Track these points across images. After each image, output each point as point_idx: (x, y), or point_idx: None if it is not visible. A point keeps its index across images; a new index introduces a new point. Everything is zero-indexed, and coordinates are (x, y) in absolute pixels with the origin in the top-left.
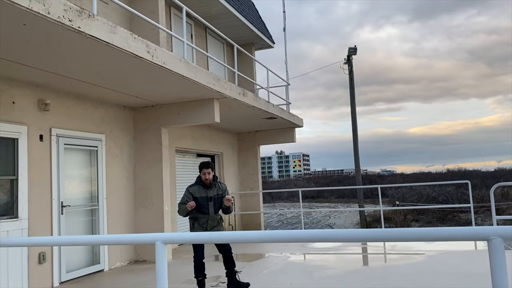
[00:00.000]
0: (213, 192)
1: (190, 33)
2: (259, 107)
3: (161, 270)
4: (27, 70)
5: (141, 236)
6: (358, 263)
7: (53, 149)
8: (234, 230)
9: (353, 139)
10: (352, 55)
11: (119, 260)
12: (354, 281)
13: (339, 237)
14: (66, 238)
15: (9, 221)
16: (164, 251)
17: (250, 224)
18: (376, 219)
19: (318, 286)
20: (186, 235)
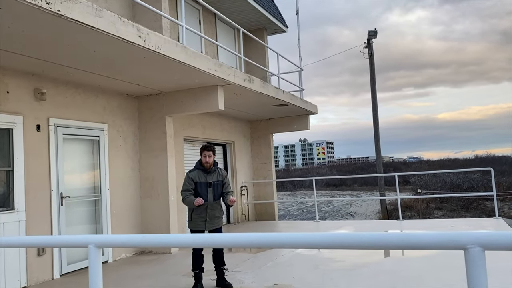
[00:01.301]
0: (213, 178)
1: (198, 19)
2: (268, 94)
3: (94, 274)
4: (18, 58)
5: (73, 238)
6: (367, 257)
7: (51, 139)
8: (248, 220)
9: (374, 126)
10: (372, 39)
11: (125, 252)
12: (361, 275)
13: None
14: None
15: (5, 213)
16: (97, 255)
17: (264, 214)
18: (398, 207)
19: (322, 280)
20: (122, 237)
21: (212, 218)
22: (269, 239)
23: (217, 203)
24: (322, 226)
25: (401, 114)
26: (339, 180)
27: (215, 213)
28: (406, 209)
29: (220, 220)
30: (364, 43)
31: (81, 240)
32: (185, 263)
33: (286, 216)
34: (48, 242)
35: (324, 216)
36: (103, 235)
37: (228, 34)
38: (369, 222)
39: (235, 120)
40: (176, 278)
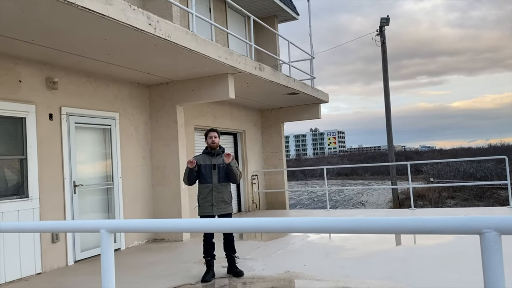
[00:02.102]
0: (218, 161)
1: (208, 7)
2: (278, 82)
3: (106, 259)
4: (30, 47)
5: (85, 223)
6: (379, 244)
7: (63, 128)
8: (259, 209)
9: (386, 115)
10: (384, 26)
11: (137, 239)
12: (372, 263)
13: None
14: (4, 224)
15: (19, 201)
16: (109, 240)
17: (275, 203)
18: (409, 197)
19: (333, 268)
20: (134, 222)
21: (219, 202)
22: (283, 224)
23: (223, 185)
24: (333, 214)
25: (414, 103)
26: (350, 169)
27: (221, 197)
28: (418, 198)
29: (228, 206)
30: (376, 31)
31: (93, 225)
32: (197, 250)
33: (297, 205)
34: (60, 227)
35: (335, 205)
36: (115, 220)
37: (238, 22)
38: (381, 211)
39: (246, 109)
40: (188, 266)
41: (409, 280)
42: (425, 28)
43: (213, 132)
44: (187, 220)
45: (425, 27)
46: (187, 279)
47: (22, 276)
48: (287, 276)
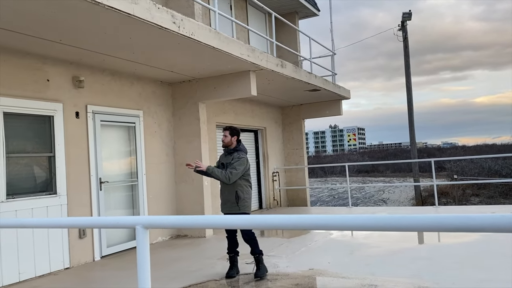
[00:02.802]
0: (228, 160)
1: (229, 4)
2: (300, 79)
3: (142, 255)
4: (57, 47)
5: (121, 219)
6: (404, 242)
7: (89, 126)
8: (280, 206)
9: (408, 111)
10: (406, 21)
11: (161, 235)
12: (397, 261)
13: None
14: (43, 220)
15: (48, 197)
16: (145, 236)
17: (296, 200)
18: (432, 194)
19: (357, 265)
20: (169, 218)
21: (225, 201)
22: (311, 221)
23: (228, 185)
24: (355, 212)
25: (436, 99)
26: (371, 166)
27: (226, 196)
28: (441, 195)
29: (233, 206)
30: (398, 26)
31: (129, 221)
32: (220, 247)
33: (317, 202)
34: (98, 223)
35: (356, 203)
36: (150, 216)
37: (259, 19)
38: (404, 209)
39: (267, 106)
40: (212, 262)
41: (436, 279)
42: (449, 22)
43: (225, 131)
44: (219, 216)
45: (449, 21)
46: (211, 275)
47: (51, 271)
48: (311, 273)
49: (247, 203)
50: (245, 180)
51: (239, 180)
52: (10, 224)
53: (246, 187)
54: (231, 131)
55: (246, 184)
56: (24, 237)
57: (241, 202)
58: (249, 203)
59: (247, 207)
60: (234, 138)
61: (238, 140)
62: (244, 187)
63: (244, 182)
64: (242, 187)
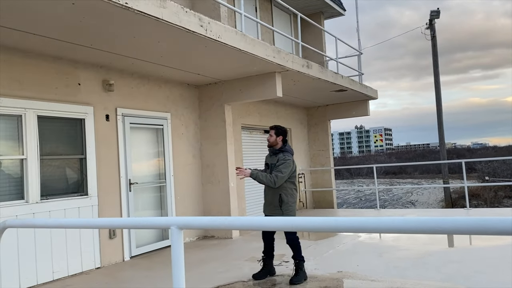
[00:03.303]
0: (273, 160)
1: (254, 6)
2: (326, 79)
3: (176, 255)
4: (88, 51)
5: (156, 220)
6: (434, 245)
7: (119, 128)
8: (305, 208)
9: (437, 111)
10: (434, 19)
11: (188, 236)
12: (427, 264)
13: None
14: (80, 221)
15: (80, 198)
16: (179, 236)
17: (322, 202)
18: (462, 196)
19: (387, 268)
20: (204, 219)
21: (268, 204)
22: (345, 223)
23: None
24: (384, 214)
25: (465, 98)
26: (399, 167)
27: (268, 199)
28: (471, 197)
29: (276, 208)
30: (426, 24)
31: (163, 222)
32: (247, 248)
33: (344, 204)
34: (133, 223)
35: (383, 205)
36: (184, 217)
37: (283, 20)
38: (434, 211)
39: (292, 107)
40: (239, 263)
41: (468, 283)
42: (480, 19)
43: (271, 130)
44: (250, 218)
45: (480, 18)
46: (239, 276)
47: (83, 270)
48: (340, 276)
49: (291, 207)
50: (291, 182)
51: (284, 183)
52: (47, 224)
53: (291, 190)
54: (276, 130)
55: (291, 187)
56: (58, 237)
57: (285, 206)
58: (294, 207)
59: (291, 211)
60: (280, 138)
61: (285, 140)
62: (289, 190)
63: (289, 185)
64: (287, 190)
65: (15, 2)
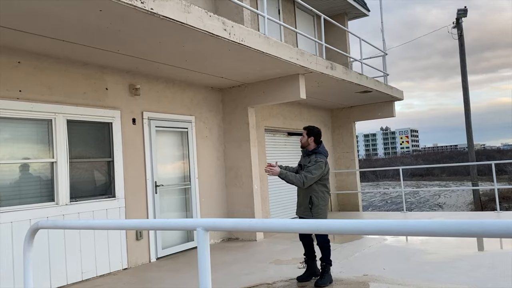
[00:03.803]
0: (305, 162)
1: (277, 8)
2: (350, 81)
3: (202, 256)
4: (115, 56)
5: (182, 221)
6: (465, 249)
7: (145, 131)
8: (330, 210)
9: (465, 111)
10: (462, 18)
11: (213, 238)
12: (456, 268)
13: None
14: (108, 222)
15: (108, 200)
16: (205, 237)
17: (347, 204)
18: (492, 198)
19: (414, 272)
20: (229, 221)
21: (300, 205)
22: (373, 226)
23: (306, 189)
24: (410, 217)
25: (495, 98)
26: (425, 169)
27: (300, 200)
28: (502, 200)
29: (306, 211)
30: (453, 23)
31: (190, 223)
32: (271, 250)
33: (369, 207)
34: (160, 225)
35: (410, 207)
36: (210, 219)
37: (306, 22)
38: (463, 213)
39: (315, 109)
40: (264, 265)
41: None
42: (510, 17)
43: (304, 131)
44: (275, 220)
45: (510, 15)
46: (264, 278)
47: (111, 271)
48: (366, 279)
49: (322, 210)
50: (322, 185)
51: (315, 185)
52: (77, 226)
53: (322, 193)
54: (308, 131)
55: (322, 189)
56: (87, 238)
57: (315, 208)
58: (324, 210)
59: (322, 214)
60: (311, 139)
61: (319, 142)
62: (320, 193)
63: (320, 188)
64: (317, 193)
65: (46, 10)
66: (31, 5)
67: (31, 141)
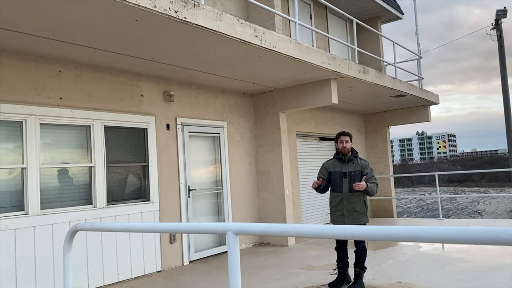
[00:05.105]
0: (349, 168)
1: (309, 13)
2: (383, 85)
3: (233, 260)
4: (150, 64)
5: (213, 225)
6: (503, 258)
7: (179, 137)
8: None
9: (505, 115)
10: (501, 18)
11: (245, 242)
12: (495, 278)
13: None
14: (144, 225)
15: (143, 204)
16: (235, 241)
17: (381, 210)
18: None
19: (449, 281)
20: (259, 226)
21: (351, 212)
22: (409, 233)
23: (355, 195)
24: (446, 224)
25: None
26: (464, 175)
27: (353, 207)
28: None
29: (362, 216)
30: (492, 24)
31: (220, 227)
32: (303, 256)
33: (404, 213)
34: (192, 228)
35: (447, 214)
36: (241, 223)
37: (339, 26)
38: (504, 221)
39: (348, 113)
40: (295, 271)
41: None
42: None
43: (344, 136)
44: (305, 225)
45: None
46: (295, 284)
47: (145, 273)
48: (399, 287)
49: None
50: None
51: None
52: (114, 228)
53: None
54: (350, 136)
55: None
56: (122, 240)
57: (367, 210)
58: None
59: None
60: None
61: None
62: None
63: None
64: (365, 196)
65: (85, 21)
66: (73, 16)
67: (70, 146)
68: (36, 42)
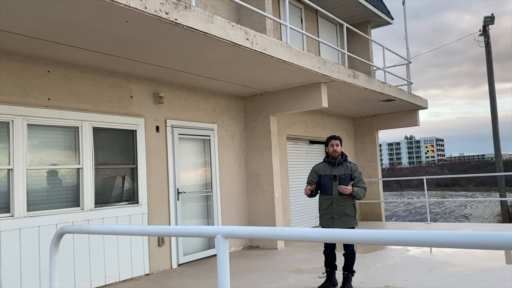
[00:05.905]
0: (339, 171)
1: (300, 17)
2: (373, 89)
3: (222, 263)
4: (140, 65)
5: (202, 228)
6: (490, 262)
7: (168, 139)
8: None
9: (492, 120)
10: (488, 25)
11: (234, 245)
12: (481, 281)
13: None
14: (132, 228)
15: (131, 206)
16: (225, 245)
17: (369, 214)
18: None
19: (437, 284)
20: (249, 229)
21: (341, 215)
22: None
23: (344, 198)
24: (434, 228)
25: None
26: (451, 179)
27: (343, 210)
28: None
29: (351, 219)
30: (479, 31)
31: (209, 231)
32: (292, 259)
33: (393, 217)
34: (181, 231)
35: (435, 218)
36: (230, 226)
37: (329, 30)
38: (490, 225)
39: (337, 117)
40: (284, 274)
41: None
42: None
43: (334, 140)
44: (293, 229)
45: None
46: (284, 287)
47: (133, 276)
48: None
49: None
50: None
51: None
52: (102, 231)
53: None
54: (340, 140)
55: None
56: (110, 243)
57: (356, 214)
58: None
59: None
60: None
61: None
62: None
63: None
64: (354, 200)
65: (76, 21)
66: (62, 17)
67: (58, 148)
68: (24, 42)
